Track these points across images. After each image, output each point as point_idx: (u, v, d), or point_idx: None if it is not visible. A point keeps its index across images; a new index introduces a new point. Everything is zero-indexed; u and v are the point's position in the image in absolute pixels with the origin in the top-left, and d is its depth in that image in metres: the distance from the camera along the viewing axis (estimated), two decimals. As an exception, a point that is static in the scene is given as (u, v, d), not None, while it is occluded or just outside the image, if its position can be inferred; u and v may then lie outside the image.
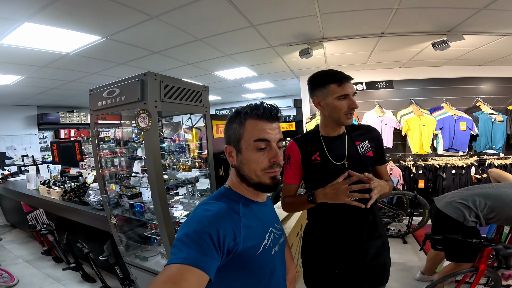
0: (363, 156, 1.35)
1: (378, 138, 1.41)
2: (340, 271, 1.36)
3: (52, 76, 4.50)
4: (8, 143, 6.78)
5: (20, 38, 2.86)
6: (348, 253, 1.35)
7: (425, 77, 4.96)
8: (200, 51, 3.80)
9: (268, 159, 0.85)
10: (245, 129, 0.85)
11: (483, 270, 1.86)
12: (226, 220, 0.77)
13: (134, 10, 2.50)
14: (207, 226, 0.72)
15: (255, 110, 0.85)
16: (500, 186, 2.07)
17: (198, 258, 0.65)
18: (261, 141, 0.84)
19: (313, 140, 1.40)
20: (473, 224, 1.97)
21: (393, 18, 2.87)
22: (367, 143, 1.37)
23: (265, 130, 0.84)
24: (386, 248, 1.43)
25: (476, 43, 3.68)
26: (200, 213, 0.77)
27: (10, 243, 4.12)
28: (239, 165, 0.87)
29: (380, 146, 1.41)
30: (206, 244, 0.68)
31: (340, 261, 1.36)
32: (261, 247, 0.83)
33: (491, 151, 4.45)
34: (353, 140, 1.37)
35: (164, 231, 1.97)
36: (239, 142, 0.86)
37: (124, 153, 2.63)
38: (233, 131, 0.87)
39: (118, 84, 2.00)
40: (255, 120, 0.85)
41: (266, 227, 0.89)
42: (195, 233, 0.69)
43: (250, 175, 0.85)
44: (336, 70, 1.29)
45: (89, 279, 2.94)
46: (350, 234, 1.33)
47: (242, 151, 0.85)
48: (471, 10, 2.71)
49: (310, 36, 3.43)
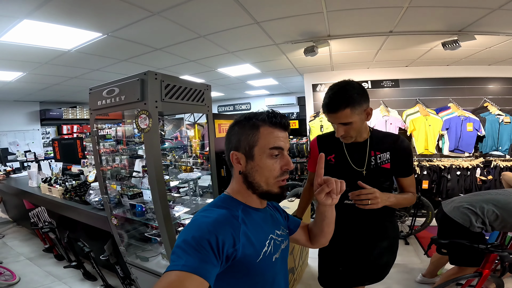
0: (377, 167, 1.34)
1: (404, 150, 1.37)
2: (344, 268, 1.45)
3: (54, 73, 4.47)
4: (11, 139, 6.78)
5: (20, 35, 2.82)
6: (352, 252, 1.44)
7: (432, 77, 4.87)
8: (203, 48, 3.74)
9: (280, 167, 0.85)
10: (260, 136, 0.84)
11: (487, 275, 1.86)
12: (226, 227, 0.75)
13: (136, 7, 2.44)
14: (206, 232, 0.71)
15: (272, 118, 0.84)
16: (509, 192, 2.03)
17: (197, 265, 0.64)
18: (276, 149, 0.84)
19: (334, 141, 1.42)
20: (479, 230, 1.96)
21: (402, 16, 2.79)
22: (387, 155, 1.34)
23: (279, 138, 0.85)
24: (392, 248, 1.50)
25: (487, 43, 3.59)
26: (200, 220, 0.76)
27: (13, 240, 4.13)
28: (249, 172, 0.85)
29: (405, 158, 1.37)
30: (205, 251, 0.67)
31: (343, 260, 1.45)
32: (261, 254, 0.81)
33: (497, 153, 4.38)
34: (374, 149, 1.36)
35: (165, 232, 1.94)
36: (251, 148, 0.84)
37: (125, 150, 2.59)
38: (244, 137, 0.85)
39: (118, 83, 1.94)
40: (270, 128, 0.84)
41: (266, 234, 0.87)
42: (194, 239, 0.69)
43: (260, 182, 0.85)
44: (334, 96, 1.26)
45: (90, 277, 2.94)
46: (354, 235, 1.40)
47: (255, 158, 0.84)
48: (485, 10, 2.63)
49: (316, 34, 3.36)
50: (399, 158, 1.35)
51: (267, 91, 8.54)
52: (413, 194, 1.40)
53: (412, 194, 1.40)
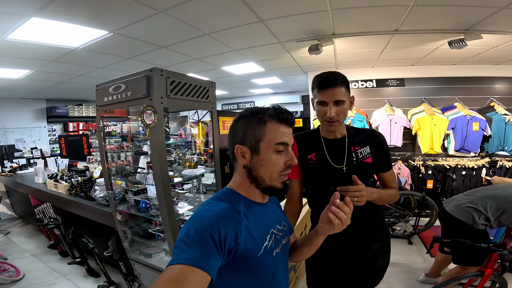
0: (360, 162, 1.32)
1: (381, 144, 1.35)
2: (335, 274, 1.39)
3: (61, 70, 4.52)
4: (18, 136, 6.86)
5: (28, 33, 2.85)
6: (342, 257, 1.38)
7: (438, 76, 4.83)
8: (208, 46, 3.75)
9: (284, 162, 0.86)
10: (266, 131, 0.84)
11: (489, 274, 1.86)
12: (228, 220, 0.76)
13: (142, 4, 2.46)
14: (208, 226, 0.72)
15: (280, 114, 0.85)
16: (508, 187, 2.06)
17: (200, 259, 0.65)
18: (282, 145, 0.85)
19: (313, 139, 1.39)
20: (482, 227, 1.96)
21: (408, 15, 2.78)
22: (367, 149, 1.33)
23: (285, 134, 0.86)
24: (384, 252, 1.43)
25: (494, 42, 3.56)
26: (202, 213, 0.77)
27: (18, 236, 4.18)
28: (253, 166, 0.86)
29: (383, 153, 1.36)
30: (207, 244, 0.68)
31: (334, 265, 1.39)
32: (262, 249, 0.82)
33: (503, 153, 4.34)
34: (353, 144, 1.34)
35: (168, 228, 1.96)
36: (258, 143, 0.84)
37: (131, 147, 2.61)
38: (250, 132, 0.85)
39: (124, 79, 1.96)
40: (277, 123, 0.85)
41: (267, 228, 0.88)
42: (196, 233, 0.69)
43: (264, 177, 0.86)
44: (330, 73, 1.24)
45: (93, 274, 2.96)
46: (345, 239, 1.30)
47: (261, 153, 0.84)
48: (492, 8, 2.61)
49: (320, 32, 3.35)
50: (379, 152, 1.34)
51: (271, 89, 8.53)
52: (396, 190, 1.38)
53: (395, 190, 1.37)
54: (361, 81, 5.22)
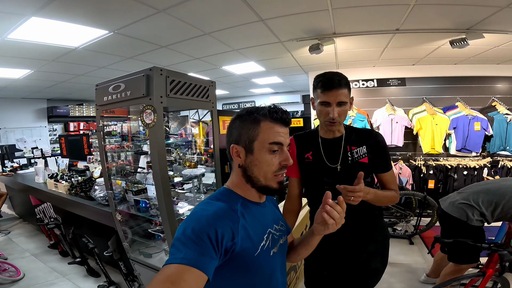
0: (355, 161, 1.31)
1: (378, 144, 1.34)
2: (328, 273, 1.40)
3: (61, 70, 4.52)
4: (18, 136, 6.86)
5: (28, 32, 2.85)
6: (337, 256, 1.38)
7: (439, 75, 4.82)
8: (208, 45, 3.74)
9: (279, 162, 0.85)
10: (260, 130, 0.84)
11: (490, 275, 1.86)
12: (225, 220, 0.76)
13: (142, 4, 2.45)
14: (205, 225, 0.71)
15: (274, 114, 0.84)
16: (498, 181, 2.09)
17: (196, 258, 0.65)
18: (276, 144, 0.84)
19: (311, 139, 1.41)
20: (478, 223, 1.97)
21: (409, 14, 2.76)
22: (363, 149, 1.32)
23: (279, 133, 0.85)
24: (381, 253, 1.42)
25: (495, 42, 3.54)
26: (199, 213, 0.77)
27: (18, 236, 4.17)
28: (248, 166, 0.86)
29: (380, 153, 1.34)
30: (204, 244, 0.68)
31: (328, 264, 1.40)
32: (259, 248, 0.82)
33: (505, 153, 4.33)
34: (350, 144, 1.34)
35: (168, 228, 1.95)
36: (251, 143, 0.84)
37: (131, 147, 2.61)
38: (245, 131, 0.85)
39: (124, 79, 1.96)
40: (271, 123, 0.85)
41: (264, 228, 0.88)
42: (193, 232, 0.69)
43: (258, 176, 0.85)
44: (333, 74, 1.25)
45: (93, 274, 2.96)
46: (340, 239, 1.30)
47: (254, 152, 0.84)
48: (493, 8, 2.59)
49: (321, 32, 3.34)
50: (376, 152, 1.33)
51: (271, 89, 8.52)
52: (396, 191, 1.36)
53: (395, 192, 1.35)
54: (362, 81, 5.21)
